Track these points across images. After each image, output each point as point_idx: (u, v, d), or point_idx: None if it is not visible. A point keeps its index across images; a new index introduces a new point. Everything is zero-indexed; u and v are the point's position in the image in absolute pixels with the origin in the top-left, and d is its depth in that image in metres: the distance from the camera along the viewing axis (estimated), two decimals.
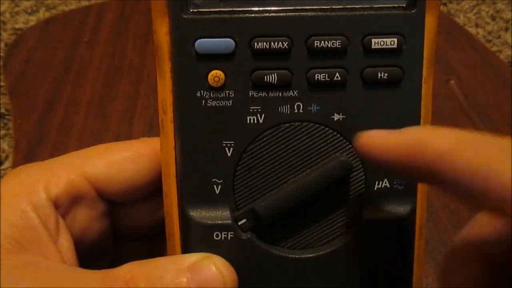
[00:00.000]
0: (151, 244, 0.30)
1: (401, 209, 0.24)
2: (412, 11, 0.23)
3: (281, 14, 0.23)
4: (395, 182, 0.24)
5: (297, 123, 0.23)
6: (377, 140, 0.20)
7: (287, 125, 0.23)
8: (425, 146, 0.19)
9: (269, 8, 0.23)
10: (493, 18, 0.75)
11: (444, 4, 0.77)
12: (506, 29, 0.73)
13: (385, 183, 0.24)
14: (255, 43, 0.22)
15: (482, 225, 0.22)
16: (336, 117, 0.23)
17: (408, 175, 0.20)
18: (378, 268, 0.24)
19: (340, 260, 0.24)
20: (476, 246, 0.22)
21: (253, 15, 0.23)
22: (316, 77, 0.23)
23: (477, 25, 0.74)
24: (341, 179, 0.23)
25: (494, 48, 0.71)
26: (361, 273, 0.24)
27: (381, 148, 0.20)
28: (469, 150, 0.18)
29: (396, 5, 0.23)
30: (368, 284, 0.24)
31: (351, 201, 0.24)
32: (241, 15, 0.23)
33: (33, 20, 0.74)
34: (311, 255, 0.24)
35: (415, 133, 0.20)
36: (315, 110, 0.23)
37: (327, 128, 0.23)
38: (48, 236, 0.24)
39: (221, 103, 0.23)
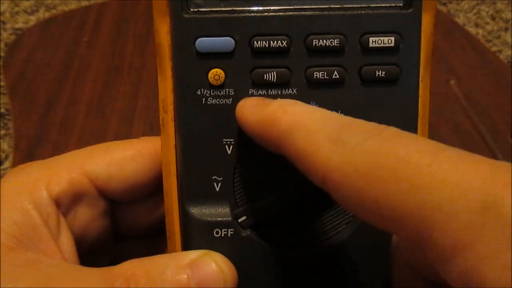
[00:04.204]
0: (152, 242, 0.30)
1: None
2: (409, 10, 0.23)
3: (280, 13, 0.23)
4: None
5: None
6: (243, 113, 0.22)
7: None
8: (274, 123, 0.20)
9: (269, 8, 0.23)
10: (493, 18, 0.75)
11: (444, 4, 0.77)
12: (506, 29, 0.73)
13: None
14: (255, 42, 0.23)
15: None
16: None
17: (268, 147, 0.21)
18: (377, 266, 0.24)
19: (339, 258, 0.24)
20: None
21: (252, 14, 0.23)
22: (314, 75, 0.23)
23: (477, 25, 0.74)
24: None
25: (494, 48, 0.71)
26: (360, 271, 0.24)
27: (245, 121, 0.22)
28: (304, 132, 0.19)
29: (393, 5, 0.23)
30: (367, 281, 0.24)
31: None
32: (241, 15, 0.23)
33: (33, 20, 0.74)
34: (310, 253, 0.24)
35: (270, 109, 0.21)
36: None
37: None
38: (49, 234, 0.24)
39: (222, 101, 0.23)
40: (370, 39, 0.23)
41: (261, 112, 0.21)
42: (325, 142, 0.19)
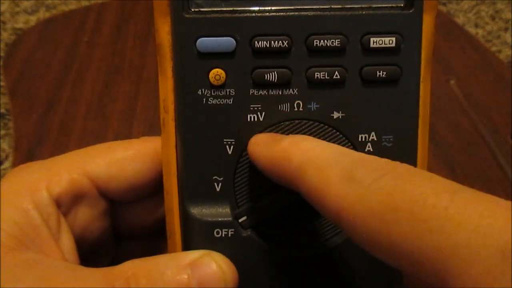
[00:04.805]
0: (152, 242, 0.30)
1: None
2: (410, 11, 0.23)
3: (281, 13, 0.23)
4: None
5: (296, 121, 0.23)
6: (255, 150, 0.22)
7: (287, 123, 0.23)
8: (286, 160, 0.20)
9: (270, 8, 0.23)
10: (492, 18, 0.75)
11: (444, 4, 0.77)
12: (506, 29, 0.73)
13: None
14: (256, 42, 0.23)
15: None
16: (335, 115, 0.23)
17: (281, 183, 0.21)
18: (377, 266, 0.24)
19: (339, 258, 0.24)
20: None
21: (253, 14, 0.23)
22: (315, 76, 0.23)
23: (476, 25, 0.74)
24: None
25: (494, 48, 0.71)
26: (360, 271, 0.24)
27: (258, 158, 0.22)
28: (316, 169, 0.19)
29: (394, 5, 0.23)
30: (368, 281, 0.24)
31: None
32: (242, 15, 0.23)
33: (33, 20, 0.74)
34: (311, 253, 0.24)
35: (282, 146, 0.21)
36: (315, 108, 0.23)
37: (326, 126, 0.23)
38: (50, 235, 0.24)
39: (222, 101, 0.23)
40: (371, 39, 0.23)
41: (273, 149, 0.21)
42: (338, 180, 0.18)
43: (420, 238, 0.16)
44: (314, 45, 0.23)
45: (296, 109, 0.23)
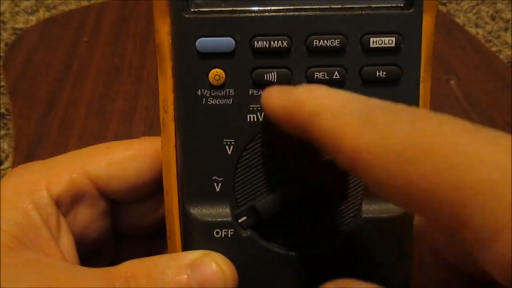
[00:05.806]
0: (152, 242, 0.30)
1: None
2: (410, 11, 0.23)
3: (281, 13, 0.23)
4: None
5: None
6: (268, 100, 0.21)
7: None
8: (300, 107, 0.20)
9: (269, 8, 0.23)
10: (493, 18, 0.75)
11: (444, 4, 0.77)
12: (506, 29, 0.73)
13: None
14: (255, 42, 0.23)
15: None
16: None
17: (294, 132, 0.21)
18: (377, 266, 0.24)
19: (339, 258, 0.24)
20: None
21: (253, 14, 0.23)
22: (315, 76, 0.23)
23: (477, 25, 0.74)
24: (341, 176, 0.23)
25: (494, 48, 0.71)
26: (359, 271, 0.24)
27: (271, 107, 0.21)
28: (331, 113, 0.19)
29: (394, 5, 0.23)
30: (369, 281, 0.24)
31: (350, 199, 0.24)
32: (241, 15, 0.23)
33: (33, 20, 0.74)
34: (311, 253, 0.24)
35: (296, 93, 0.20)
36: None
37: None
38: (50, 235, 0.24)
39: (222, 101, 0.23)
40: (371, 39, 0.23)
41: (287, 96, 0.20)
42: (354, 121, 0.18)
43: (440, 175, 0.16)
44: (314, 45, 0.23)
45: None
